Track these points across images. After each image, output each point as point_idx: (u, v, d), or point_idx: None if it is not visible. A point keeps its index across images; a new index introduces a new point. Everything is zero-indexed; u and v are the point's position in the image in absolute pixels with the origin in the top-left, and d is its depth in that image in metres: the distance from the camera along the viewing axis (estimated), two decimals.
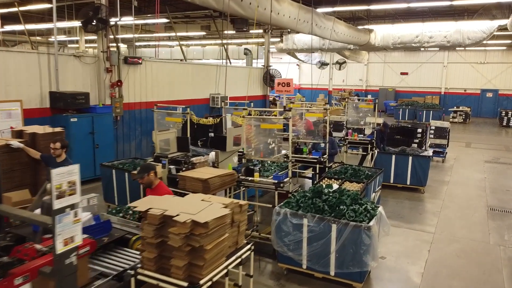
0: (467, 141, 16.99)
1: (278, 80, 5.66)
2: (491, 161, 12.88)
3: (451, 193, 9.23)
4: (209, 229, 3.16)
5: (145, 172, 4.34)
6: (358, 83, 32.28)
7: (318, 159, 7.13)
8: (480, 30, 15.24)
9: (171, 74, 12.50)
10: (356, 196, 4.99)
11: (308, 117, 7.72)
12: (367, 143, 9.47)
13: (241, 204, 3.80)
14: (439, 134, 12.60)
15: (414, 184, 9.13)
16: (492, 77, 27.64)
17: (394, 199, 8.65)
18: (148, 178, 4.36)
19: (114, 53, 10.02)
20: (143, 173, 4.35)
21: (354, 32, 14.52)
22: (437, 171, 11.40)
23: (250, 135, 5.72)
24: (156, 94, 11.83)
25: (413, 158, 9.02)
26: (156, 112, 6.68)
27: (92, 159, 9.21)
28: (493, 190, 9.51)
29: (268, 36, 17.04)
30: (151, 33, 23.75)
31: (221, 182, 5.26)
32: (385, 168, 9.13)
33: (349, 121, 9.70)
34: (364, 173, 6.92)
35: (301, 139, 7.63)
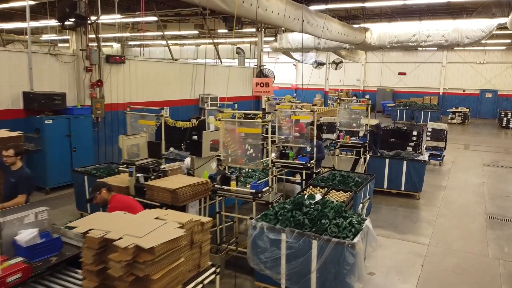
0: (465, 143, 16.53)
1: (255, 79, 5.17)
2: (490, 164, 12.40)
3: (447, 199, 8.75)
4: (155, 255, 2.68)
5: (95, 191, 3.88)
6: (356, 83, 31.83)
7: (305, 165, 6.64)
8: (479, 29, 14.78)
9: (158, 73, 12.00)
10: (340, 208, 4.51)
11: (295, 119, 7.22)
12: (360, 147, 8.99)
13: (203, 221, 3.31)
14: (436, 137, 12.12)
15: (409, 190, 8.65)
16: (491, 77, 27.20)
17: (388, 206, 8.16)
18: (101, 197, 3.89)
19: (94, 52, 9.54)
20: (94, 192, 3.88)
21: (348, 30, 14.04)
22: (434, 175, 10.92)
23: (226, 140, 5.24)
24: (141, 95, 11.35)
25: (408, 163, 8.54)
26: (128, 114, 6.20)
27: (69, 163, 8.71)
28: (492, 196, 9.04)
29: (261, 35, 16.54)
30: (143, 32, 23.27)
31: (193, 192, 4.77)
32: (378, 173, 8.68)
33: (341, 123, 9.21)
34: (354, 180, 6.43)
35: (290, 143, 7.13)
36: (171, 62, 12.72)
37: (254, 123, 5.14)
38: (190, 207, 5.02)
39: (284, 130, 7.01)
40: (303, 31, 10.93)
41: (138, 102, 11.33)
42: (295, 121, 8.36)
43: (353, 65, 30.41)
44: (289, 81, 35.27)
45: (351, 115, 9.17)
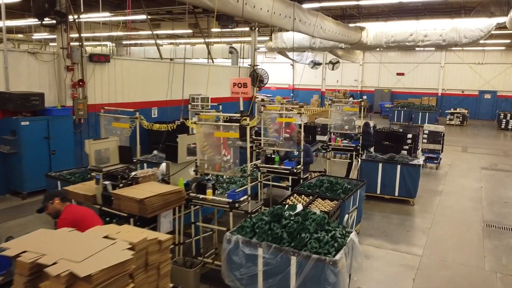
0: (463, 145, 16.16)
1: (233, 79, 4.79)
2: (488, 168, 12.03)
3: (443, 205, 8.37)
4: (93, 284, 2.30)
5: (47, 201, 3.50)
6: (353, 83, 31.45)
7: (291, 170, 6.26)
8: (478, 28, 14.39)
9: (145, 73, 11.63)
10: (322, 220, 4.12)
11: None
12: (352, 150, 8.61)
13: (160, 240, 2.93)
14: (433, 139, 11.75)
15: (403, 195, 8.27)
16: (490, 78, 26.84)
17: (380, 213, 7.78)
18: (53, 207, 3.52)
19: (76, 50, 9.15)
20: (46, 202, 3.50)
21: (343, 29, 13.66)
22: (430, 179, 10.55)
23: (203, 144, 4.85)
24: (127, 95, 10.97)
25: (402, 167, 8.16)
26: (102, 116, 5.82)
27: (48, 166, 8.32)
28: (490, 202, 8.66)
29: (254, 34, 16.18)
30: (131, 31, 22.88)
31: (164, 202, 4.39)
32: (371, 177, 8.32)
33: (333, 125, 8.83)
34: (342, 187, 6.05)
35: (276, 146, 6.74)
36: (159, 61, 12.33)
37: (232, 126, 4.75)
38: (162, 217, 4.64)
39: (271, 133, 6.62)
40: (295, 29, 10.54)
41: (124, 103, 10.95)
42: (285, 123, 8.01)
43: (350, 65, 30.04)
44: (287, 81, 34.87)
45: (343, 117, 8.78)
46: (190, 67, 13.76)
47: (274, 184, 7.03)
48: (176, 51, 27.51)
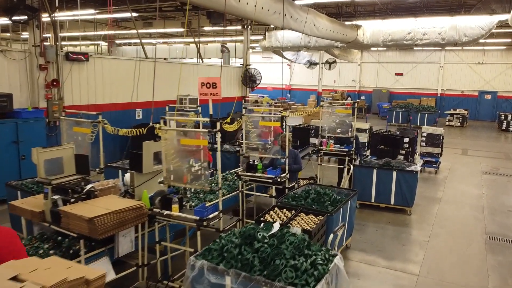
0: (463, 148, 15.58)
1: (201, 79, 4.20)
2: (489, 172, 11.45)
3: (442, 215, 7.79)
4: None
5: None
6: (351, 84, 30.87)
7: (274, 179, 5.66)
8: (478, 26, 13.83)
9: (128, 73, 11.01)
10: (301, 243, 3.54)
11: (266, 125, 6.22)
12: (344, 155, 8.01)
13: (88, 279, 2.34)
14: (432, 142, 11.17)
15: (399, 204, 7.69)
16: (490, 78, 26.27)
17: (375, 223, 7.20)
18: None
19: (50, 48, 8.56)
20: None
21: (338, 27, 13.08)
22: (428, 185, 9.97)
23: (168, 153, 4.27)
24: (109, 96, 10.39)
25: (398, 173, 7.58)
26: (63, 120, 5.23)
27: (17, 173, 7.73)
28: (493, 211, 8.08)
29: (247, 33, 15.59)
30: (127, 29, 22.33)
31: (119, 221, 3.81)
32: (365, 184, 7.75)
33: (323, 128, 8.24)
34: (331, 198, 5.46)
35: (259, 153, 6.15)
36: (143, 60, 11.72)
37: (200, 133, 4.17)
38: (121, 236, 4.05)
39: (252, 138, 6.03)
40: (286, 26, 9.96)
41: (105, 104, 10.38)
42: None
43: (348, 65, 29.47)
44: (284, 81, 34.26)
45: (335, 119, 8.19)
46: (179, 67, 13.21)
47: (258, 194, 6.43)
48: (170, 50, 26.99)
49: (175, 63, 12.90)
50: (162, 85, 11.90)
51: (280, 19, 9.38)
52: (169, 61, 13.68)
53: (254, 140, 6.02)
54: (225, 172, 7.07)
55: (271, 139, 6.46)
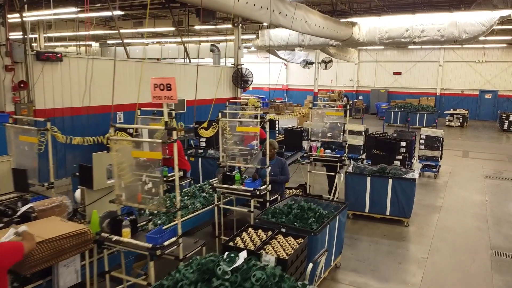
0: (464, 149, 14.94)
1: (154, 79, 3.58)
2: (492, 176, 10.82)
3: (443, 225, 7.14)
4: None
5: None
6: (349, 83, 30.25)
7: (253, 192, 5.02)
8: (479, 23, 13.19)
9: (107, 73, 10.39)
10: (270, 280, 2.89)
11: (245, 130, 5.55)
12: (336, 161, 7.37)
13: None
14: (431, 145, 10.53)
15: (396, 215, 7.05)
16: (491, 77, 25.64)
17: (368, 237, 6.55)
18: None
19: (17, 47, 7.92)
20: None
21: (332, 24, 12.44)
22: (428, 191, 9.33)
23: (120, 167, 3.63)
24: (86, 99, 9.70)
25: (394, 181, 6.93)
26: (9, 128, 4.59)
27: None
28: (497, 221, 7.44)
29: (238, 31, 14.95)
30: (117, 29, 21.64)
31: (55, 251, 3.17)
32: (359, 193, 7.11)
33: (313, 131, 7.60)
34: (316, 213, 4.82)
35: (238, 162, 5.50)
36: (125, 60, 11.09)
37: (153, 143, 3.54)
38: (62, 267, 3.41)
39: (230, 145, 5.38)
40: (275, 23, 9.33)
41: (83, 107, 9.72)
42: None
43: (346, 65, 28.84)
44: (280, 81, 33.63)
45: (326, 123, 7.56)
46: (165, 67, 12.59)
47: (236, 208, 5.78)
48: (163, 50, 26.34)
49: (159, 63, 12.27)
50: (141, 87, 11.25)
51: (268, 14, 8.74)
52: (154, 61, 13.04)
53: (233, 147, 5.37)
54: (204, 182, 6.44)
55: (256, 143, 5.84)
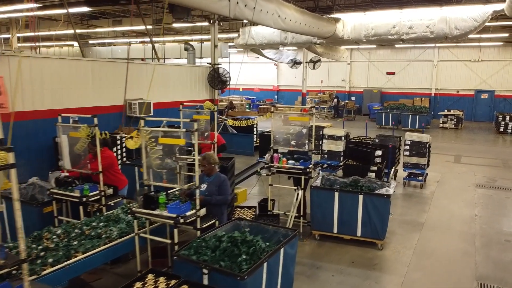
0: (456, 154, 13.97)
1: None
2: (484, 185, 9.84)
3: (423, 248, 6.16)
4: None
5: None
6: (341, 84, 29.29)
7: (176, 219, 4.03)
8: (471, 18, 12.24)
9: (61, 74, 9.42)
10: None
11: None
12: (300, 173, 6.38)
13: None
14: (417, 151, 9.54)
15: (368, 236, 6.07)
16: (487, 76, 24.67)
17: (334, 264, 5.56)
18: None
19: None
20: None
21: (311, 19, 11.45)
22: (411, 203, 8.36)
23: None
24: (31, 102, 8.73)
25: (365, 198, 5.96)
26: None
27: None
28: (487, 241, 6.46)
29: (214, 28, 13.98)
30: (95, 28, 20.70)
31: None
32: (326, 211, 6.14)
33: (276, 139, 6.62)
34: (251, 248, 3.81)
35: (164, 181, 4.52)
36: (82, 60, 10.10)
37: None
38: None
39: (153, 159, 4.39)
40: (239, 16, 8.35)
41: (28, 112, 8.73)
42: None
43: (337, 65, 27.90)
44: (270, 82, 32.72)
45: (290, 129, 6.58)
46: (130, 67, 11.59)
47: (154, 238, 4.77)
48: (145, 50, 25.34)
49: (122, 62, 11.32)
50: (101, 89, 10.28)
51: (229, 6, 7.75)
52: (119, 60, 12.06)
53: (157, 162, 4.38)
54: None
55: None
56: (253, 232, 4.42)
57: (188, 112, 7.32)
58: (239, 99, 27.12)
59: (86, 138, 4.96)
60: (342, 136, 10.10)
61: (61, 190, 5.15)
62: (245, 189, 7.63)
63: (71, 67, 9.73)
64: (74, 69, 9.80)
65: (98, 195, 5.11)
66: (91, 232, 4.25)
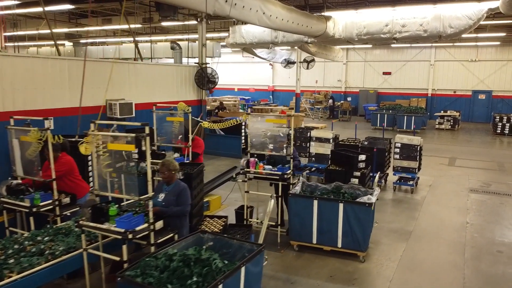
0: (451, 156, 13.55)
1: None
2: (478, 190, 9.42)
3: (409, 261, 5.73)
4: None
5: None
6: (337, 84, 28.88)
7: (124, 235, 3.61)
8: (465, 16, 11.83)
9: (34, 73, 8.99)
10: None
11: None
12: (277, 179, 5.95)
13: None
14: (407, 154, 9.14)
15: (349, 247, 5.65)
16: (484, 76, 24.28)
17: (310, 279, 5.14)
18: None
19: None
20: None
21: (299, 17, 11.03)
22: (400, 210, 7.94)
23: None
24: (11, 101, 8.32)
25: (346, 206, 5.54)
26: None
27: None
28: (477, 252, 6.04)
29: (201, 27, 13.55)
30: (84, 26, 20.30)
31: None
32: (304, 220, 5.73)
33: (252, 143, 6.20)
34: (204, 268, 3.37)
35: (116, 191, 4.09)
36: (58, 59, 9.66)
37: None
38: None
39: (103, 167, 3.96)
40: (219, 13, 7.91)
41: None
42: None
43: (333, 64, 27.48)
44: (266, 82, 32.30)
45: (267, 132, 6.16)
46: (109, 66, 11.16)
47: (106, 255, 4.34)
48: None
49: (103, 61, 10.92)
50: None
51: (208, 2, 7.33)
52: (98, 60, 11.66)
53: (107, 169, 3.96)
54: None
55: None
56: (216, 247, 4.02)
57: (161, 114, 6.93)
58: (232, 100, 26.70)
59: (37, 142, 4.54)
60: (330, 138, 9.71)
61: (12, 198, 4.72)
62: (219, 196, 7.19)
63: (46, 66, 9.30)
64: (50, 68, 9.38)
65: (51, 205, 4.68)
66: (32, 248, 3.82)
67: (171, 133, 6.93)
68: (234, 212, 6.57)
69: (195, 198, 5.01)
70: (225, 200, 7.42)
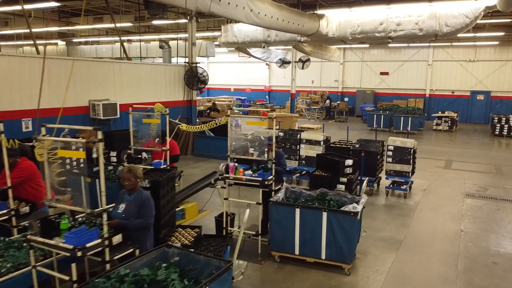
0: (448, 158, 13.18)
1: None
2: (474, 195, 9.05)
3: (397, 274, 5.36)
4: None
5: None
6: (334, 84, 28.50)
7: (72, 252, 3.23)
8: (462, 14, 11.47)
9: (10, 73, 8.64)
10: None
11: None
12: (258, 185, 5.58)
13: None
14: (400, 158, 8.77)
15: (333, 259, 5.27)
16: (483, 77, 23.91)
17: None
18: None
19: None
20: None
21: (290, 15, 10.68)
22: (392, 216, 7.57)
23: None
24: None
25: (330, 215, 5.17)
26: None
27: None
28: (471, 264, 5.66)
29: (191, 25, 13.19)
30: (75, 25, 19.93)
31: None
32: (286, 230, 5.35)
33: (232, 147, 5.83)
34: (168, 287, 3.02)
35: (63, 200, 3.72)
36: (36, 57, 9.29)
37: None
38: None
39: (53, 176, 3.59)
40: (203, 10, 7.57)
41: None
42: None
43: (330, 64, 27.12)
44: (262, 82, 31.91)
45: (247, 135, 5.78)
46: (95, 65, 10.82)
47: (57, 274, 3.98)
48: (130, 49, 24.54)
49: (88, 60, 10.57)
50: (58, 89, 9.48)
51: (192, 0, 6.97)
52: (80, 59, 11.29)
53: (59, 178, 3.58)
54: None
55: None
56: (182, 263, 3.66)
57: (137, 115, 6.56)
58: (227, 100, 26.32)
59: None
60: (320, 140, 9.35)
61: None
62: (195, 203, 6.80)
63: (23, 66, 8.93)
64: (27, 68, 9.02)
65: (7, 214, 4.31)
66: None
67: (148, 136, 6.57)
68: (214, 219, 6.19)
69: (164, 208, 4.62)
70: (205, 206, 7.02)
